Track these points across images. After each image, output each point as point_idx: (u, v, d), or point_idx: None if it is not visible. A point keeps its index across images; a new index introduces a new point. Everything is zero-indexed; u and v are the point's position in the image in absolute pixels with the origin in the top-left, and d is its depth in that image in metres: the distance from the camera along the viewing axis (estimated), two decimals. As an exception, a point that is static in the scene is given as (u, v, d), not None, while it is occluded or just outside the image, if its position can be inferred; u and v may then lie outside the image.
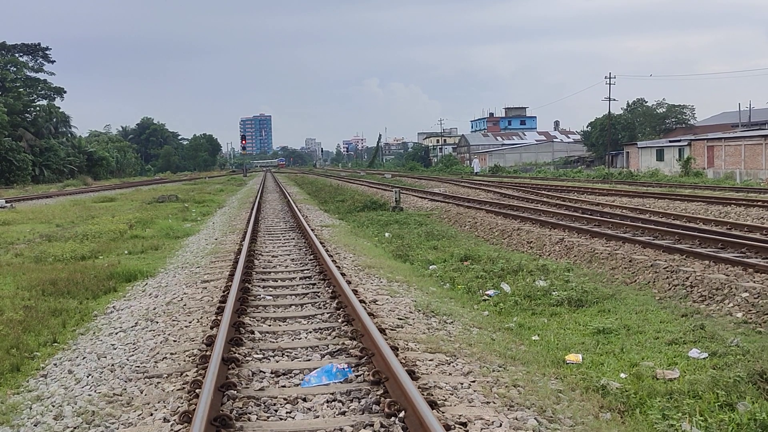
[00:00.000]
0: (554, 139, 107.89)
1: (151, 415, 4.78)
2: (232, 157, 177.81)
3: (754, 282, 8.90)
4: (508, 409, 4.78)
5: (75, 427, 4.70)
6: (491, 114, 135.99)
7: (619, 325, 7.73)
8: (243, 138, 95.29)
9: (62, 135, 73.28)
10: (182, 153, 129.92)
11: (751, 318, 7.85)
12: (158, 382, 5.53)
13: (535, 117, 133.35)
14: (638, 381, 5.79)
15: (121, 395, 5.29)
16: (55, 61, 75.36)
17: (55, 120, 72.36)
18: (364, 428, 4.44)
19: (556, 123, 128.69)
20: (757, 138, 47.28)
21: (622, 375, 6.05)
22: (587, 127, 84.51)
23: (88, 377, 5.92)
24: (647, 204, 22.65)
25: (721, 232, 13.68)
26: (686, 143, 55.06)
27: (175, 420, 4.58)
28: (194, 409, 4.41)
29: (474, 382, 5.36)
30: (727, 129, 64.48)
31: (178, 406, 4.83)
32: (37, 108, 70.39)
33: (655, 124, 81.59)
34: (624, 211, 19.95)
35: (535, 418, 4.60)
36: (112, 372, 5.99)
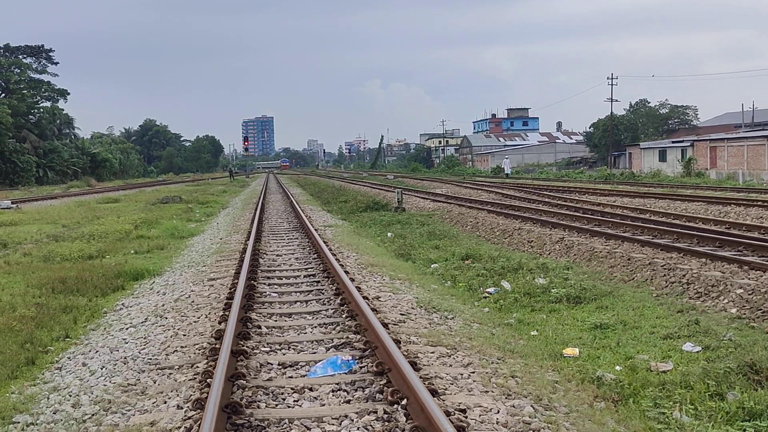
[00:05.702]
0: (557, 140, 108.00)
1: (165, 402, 5.01)
2: (235, 158, 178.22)
3: (749, 279, 9.09)
4: (506, 398, 4.98)
5: (93, 414, 4.92)
6: (494, 115, 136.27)
7: (616, 321, 7.92)
8: (245, 139, 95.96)
9: (66, 137, 73.71)
10: (185, 155, 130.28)
11: (745, 313, 8.05)
12: (170, 373, 5.75)
13: (538, 118, 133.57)
14: (632, 373, 5.98)
15: (135, 385, 5.51)
16: (58, 63, 75.38)
17: (58, 122, 72.77)
18: (368, 415, 4.65)
19: (559, 124, 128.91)
20: (760, 138, 47.40)
21: (617, 367, 6.25)
22: (590, 128, 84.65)
23: (102, 369, 6.14)
24: (648, 204, 22.82)
25: (719, 231, 13.86)
26: (689, 144, 55.15)
27: (188, 407, 4.80)
28: (206, 397, 4.62)
29: (473, 372, 5.57)
30: (730, 130, 64.56)
31: (191, 395, 5.05)
32: (41, 110, 70.83)
33: (657, 124, 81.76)
34: (624, 211, 20.13)
35: (531, 406, 4.81)
36: (125, 364, 6.21)
